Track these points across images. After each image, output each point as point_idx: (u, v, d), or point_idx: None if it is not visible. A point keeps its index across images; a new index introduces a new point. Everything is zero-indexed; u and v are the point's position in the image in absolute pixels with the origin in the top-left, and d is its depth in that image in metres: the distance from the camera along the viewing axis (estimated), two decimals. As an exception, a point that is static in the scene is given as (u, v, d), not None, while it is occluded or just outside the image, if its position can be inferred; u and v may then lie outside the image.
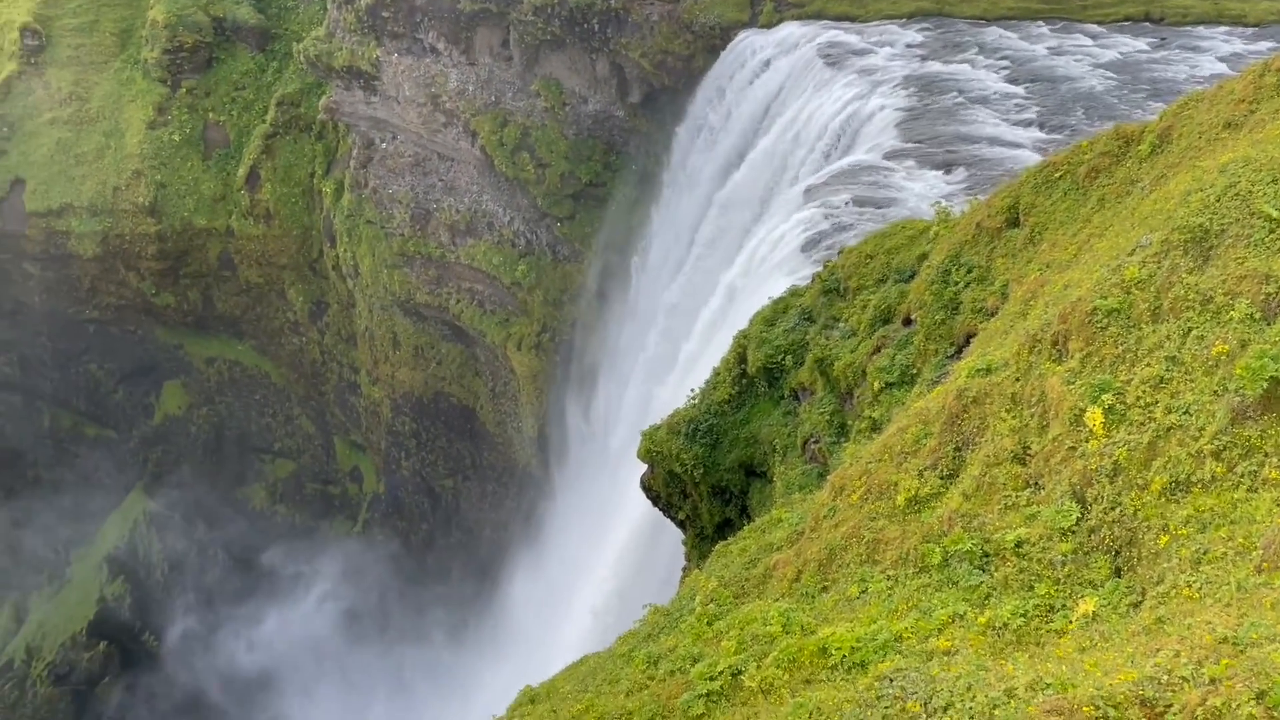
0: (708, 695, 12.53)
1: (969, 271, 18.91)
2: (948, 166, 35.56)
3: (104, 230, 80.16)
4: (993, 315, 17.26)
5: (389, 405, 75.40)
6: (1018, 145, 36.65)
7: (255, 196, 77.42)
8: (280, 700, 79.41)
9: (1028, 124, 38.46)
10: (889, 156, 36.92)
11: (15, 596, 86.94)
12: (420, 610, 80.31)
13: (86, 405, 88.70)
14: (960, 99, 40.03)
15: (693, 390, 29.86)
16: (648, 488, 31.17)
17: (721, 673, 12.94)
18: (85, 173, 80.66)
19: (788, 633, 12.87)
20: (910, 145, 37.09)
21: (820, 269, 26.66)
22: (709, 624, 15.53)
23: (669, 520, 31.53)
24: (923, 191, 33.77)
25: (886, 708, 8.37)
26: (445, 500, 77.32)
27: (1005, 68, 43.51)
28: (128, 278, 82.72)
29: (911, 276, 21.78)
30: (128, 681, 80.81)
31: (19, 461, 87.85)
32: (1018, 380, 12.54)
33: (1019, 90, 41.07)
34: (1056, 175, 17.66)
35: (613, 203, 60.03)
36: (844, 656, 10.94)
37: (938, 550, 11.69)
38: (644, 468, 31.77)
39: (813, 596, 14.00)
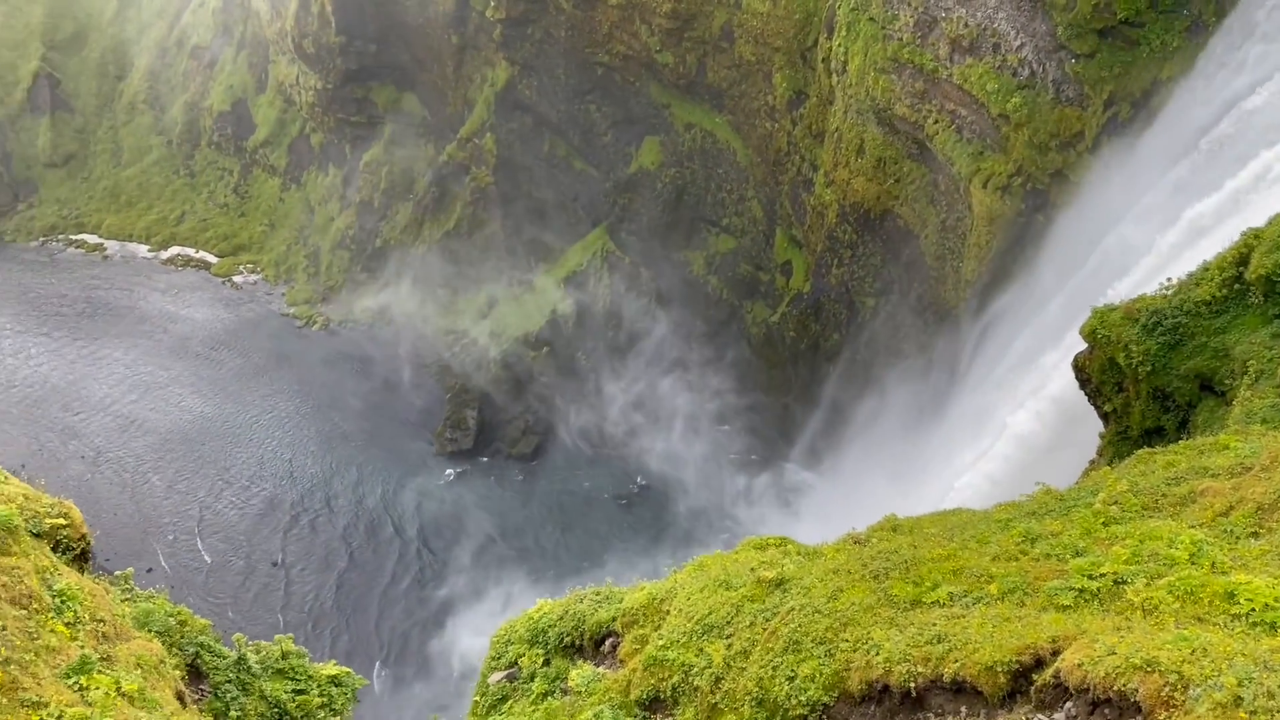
0: (1081, 591, 11.96)
1: None
2: None
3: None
4: None
5: (836, 210, 75.51)
6: None
7: (770, -28, 77.75)
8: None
9: None
10: None
11: (488, 291, 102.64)
12: (804, 417, 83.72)
13: (580, 141, 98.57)
14: None
15: (1169, 280, 26.65)
16: (1080, 368, 29.01)
17: (1104, 575, 12.23)
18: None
19: (1194, 563, 11.74)
20: None
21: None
22: (1104, 524, 14.59)
23: (1091, 408, 29.29)
24: None
25: (1292, 679, 7.46)
26: (862, 317, 77.54)
27: None
28: (639, 30, 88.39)
29: None
30: (555, 386, 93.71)
31: (518, 175, 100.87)
32: None
33: None
34: None
35: (1145, 48, 52.53)
36: (1253, 609, 9.80)
37: None
38: (1081, 345, 29.42)
39: (1237, 537, 12.53)
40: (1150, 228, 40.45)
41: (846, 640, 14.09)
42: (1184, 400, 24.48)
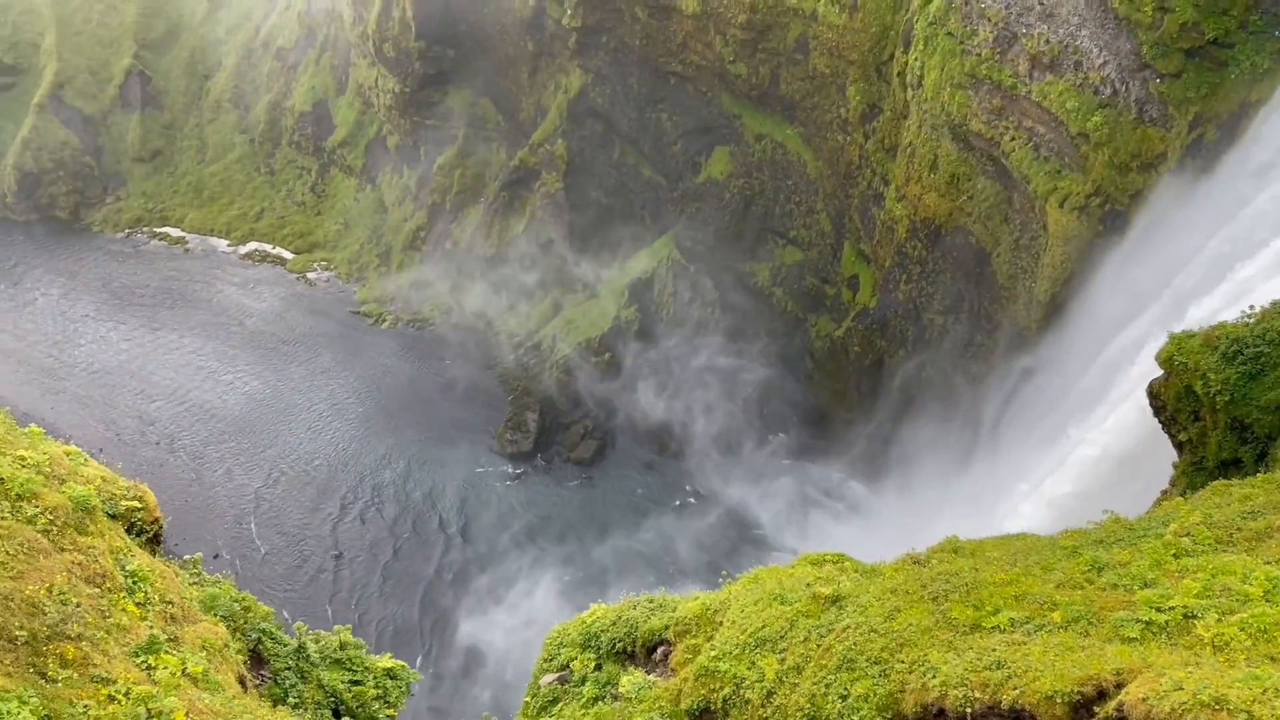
0: (1148, 624, 11.66)
1: None
2: None
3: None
4: None
5: (906, 226, 74.64)
6: None
7: (847, -15, 77.29)
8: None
9: None
10: None
11: (555, 295, 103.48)
12: (847, 432, 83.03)
13: (650, 149, 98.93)
14: None
15: (1251, 308, 25.86)
16: (1155, 395, 28.26)
17: (1173, 608, 11.91)
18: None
19: (1268, 600, 11.36)
20: None
21: None
22: (1175, 556, 14.20)
23: (1165, 436, 28.50)
24: None
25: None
26: (929, 335, 76.47)
27: None
28: (714, 40, 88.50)
29: None
30: (616, 392, 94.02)
31: (587, 181, 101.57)
32: None
33: None
34: None
35: (1234, 70, 51.07)
36: (1332, 653, 9.45)
37: None
38: (1157, 372, 28.68)
39: (1316, 577, 12.06)
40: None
41: (902, 661, 13.89)
42: (1264, 432, 23.70)
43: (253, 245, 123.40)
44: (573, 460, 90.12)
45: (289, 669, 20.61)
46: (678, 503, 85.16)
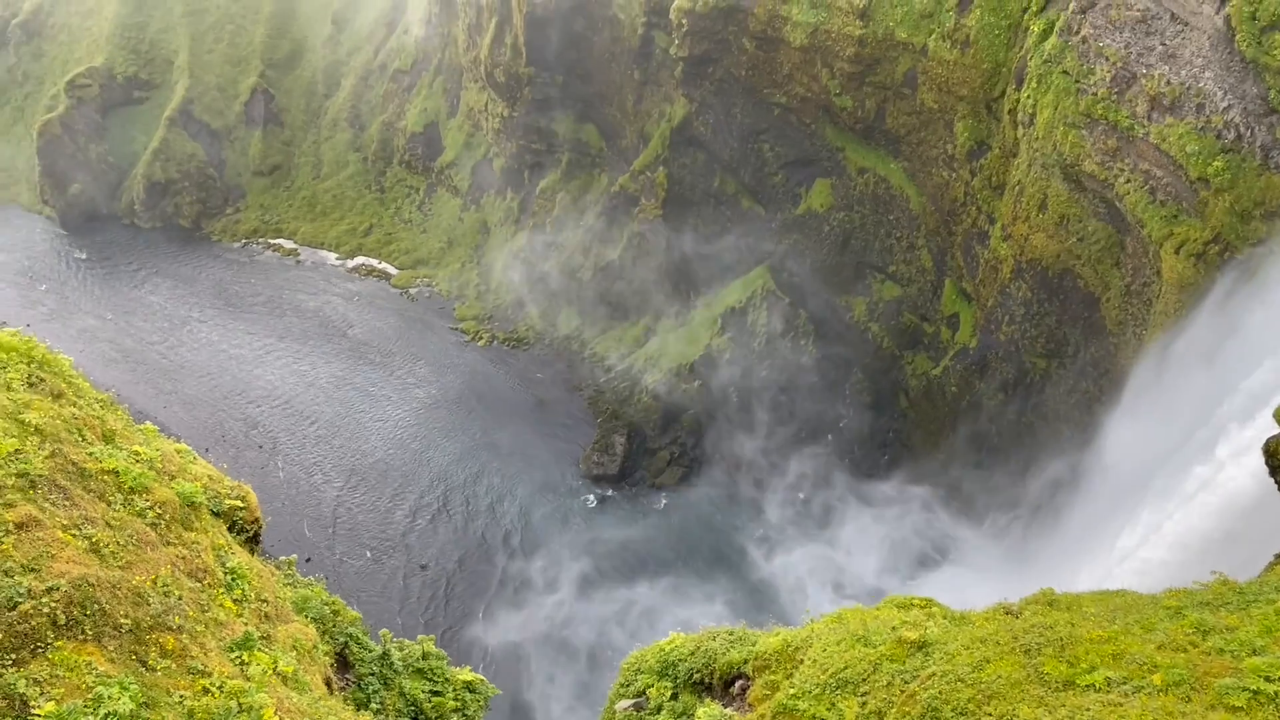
0: (1256, 693, 11.06)
1: None
2: None
3: (817, 23, 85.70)
4: None
5: (1011, 266, 72.87)
6: None
7: (960, 20, 76.25)
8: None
9: None
10: None
11: (647, 321, 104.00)
12: (940, 473, 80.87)
13: (750, 179, 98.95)
14: None
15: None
16: (1271, 453, 26.94)
17: (1284, 680, 11.27)
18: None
19: (1392, 680, 10.66)
20: None
21: None
22: (1289, 625, 13.44)
23: (1282, 497, 27.12)
24: None
25: None
26: (1031, 379, 74.32)
27: None
28: (820, 73, 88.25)
29: None
30: (705, 421, 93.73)
31: (685, 209, 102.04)
32: None
33: None
34: None
35: (1371, 116, 48.61)
36: None
37: None
38: (1274, 429, 27.35)
39: None
40: None
41: (989, 714, 13.46)
42: (1392, 500, 22.33)
43: (360, 259, 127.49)
44: (656, 486, 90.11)
45: (373, 675, 21.03)
46: (759, 533, 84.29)
